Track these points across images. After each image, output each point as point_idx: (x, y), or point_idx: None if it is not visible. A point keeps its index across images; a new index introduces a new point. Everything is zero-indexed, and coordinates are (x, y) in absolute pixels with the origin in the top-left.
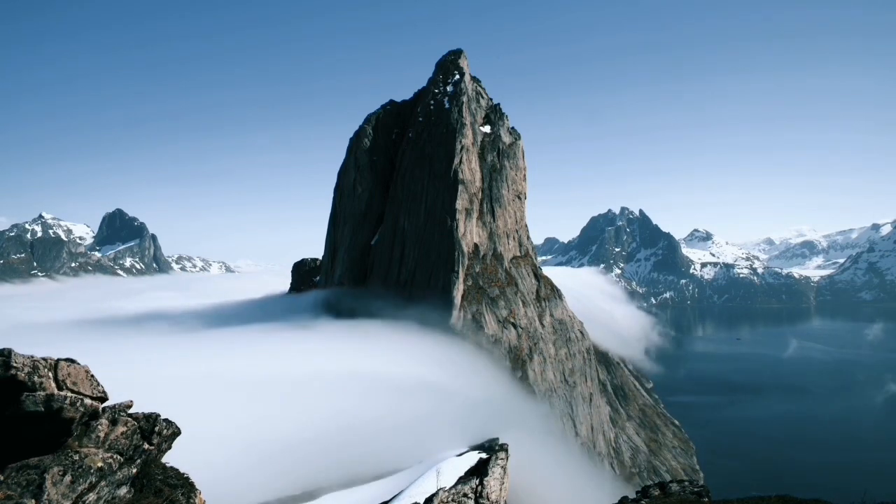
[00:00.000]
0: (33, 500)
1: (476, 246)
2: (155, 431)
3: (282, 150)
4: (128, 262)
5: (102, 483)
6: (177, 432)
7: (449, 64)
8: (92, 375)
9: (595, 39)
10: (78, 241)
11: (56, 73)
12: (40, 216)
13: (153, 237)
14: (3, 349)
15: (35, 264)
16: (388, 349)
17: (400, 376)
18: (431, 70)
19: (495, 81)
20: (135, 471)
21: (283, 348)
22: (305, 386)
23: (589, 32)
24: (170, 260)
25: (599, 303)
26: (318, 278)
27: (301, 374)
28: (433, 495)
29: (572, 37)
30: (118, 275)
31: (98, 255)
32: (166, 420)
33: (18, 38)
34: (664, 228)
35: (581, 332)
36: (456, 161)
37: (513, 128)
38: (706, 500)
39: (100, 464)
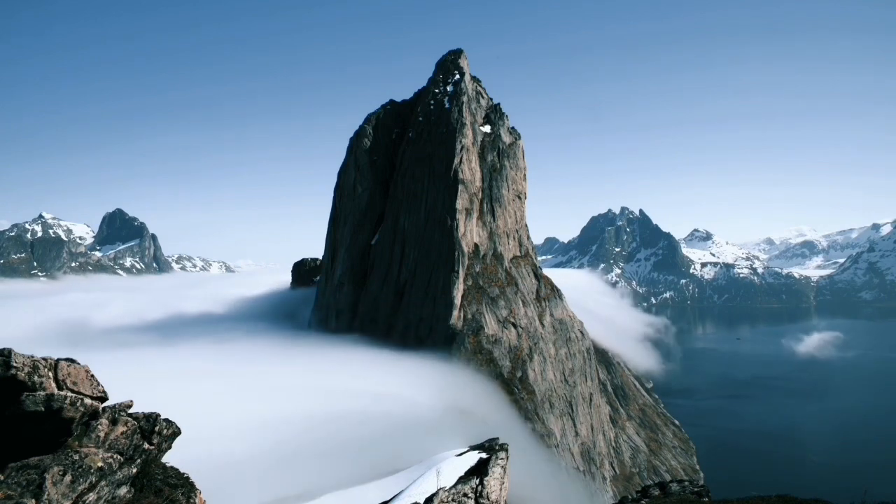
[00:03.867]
0: (33, 500)
1: (476, 246)
2: (155, 431)
3: (282, 149)
4: (128, 261)
5: (102, 483)
6: (177, 432)
7: (449, 64)
8: (92, 375)
9: (594, 31)
10: (78, 240)
11: (54, 70)
12: (40, 216)
13: (153, 237)
14: (4, 349)
15: (35, 264)
16: (384, 369)
17: (390, 399)
18: (432, 69)
19: (494, 78)
20: (135, 470)
21: (284, 350)
22: (305, 388)
23: (588, 23)
24: (170, 260)
25: (599, 303)
26: (318, 278)
27: (301, 376)
28: (433, 495)
29: (571, 28)
30: (118, 275)
31: (98, 254)
32: (166, 420)
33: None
34: (664, 228)
35: (581, 332)
36: (456, 161)
37: (513, 127)
38: (706, 500)
39: (100, 463)
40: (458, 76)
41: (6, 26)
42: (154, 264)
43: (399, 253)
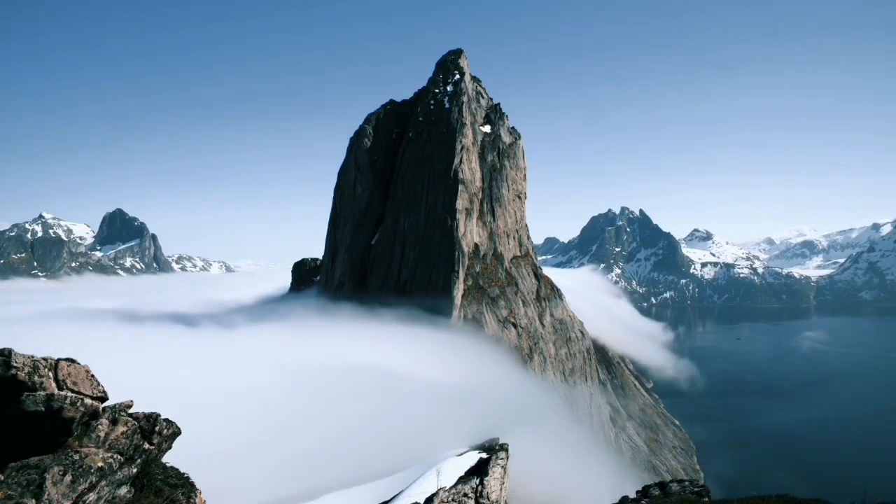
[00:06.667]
0: (34, 500)
1: (476, 246)
2: (155, 431)
3: (283, 148)
4: (128, 261)
5: (103, 483)
6: (177, 432)
7: (449, 64)
8: (92, 375)
9: (594, 32)
10: (78, 240)
11: (53, 70)
12: (40, 216)
13: (153, 237)
14: (4, 349)
15: (35, 264)
16: (388, 344)
17: (403, 369)
18: (432, 69)
19: (493, 79)
20: (135, 470)
21: (282, 349)
22: (304, 386)
23: (588, 25)
24: (170, 260)
25: (599, 303)
26: (318, 278)
27: (300, 375)
28: (433, 495)
29: (571, 28)
30: (118, 275)
31: (98, 254)
32: (166, 420)
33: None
34: (664, 228)
35: (581, 332)
36: (456, 161)
37: (513, 127)
38: (706, 500)
39: (100, 463)
40: (458, 76)
41: (6, 26)
42: (154, 264)
43: (399, 253)
